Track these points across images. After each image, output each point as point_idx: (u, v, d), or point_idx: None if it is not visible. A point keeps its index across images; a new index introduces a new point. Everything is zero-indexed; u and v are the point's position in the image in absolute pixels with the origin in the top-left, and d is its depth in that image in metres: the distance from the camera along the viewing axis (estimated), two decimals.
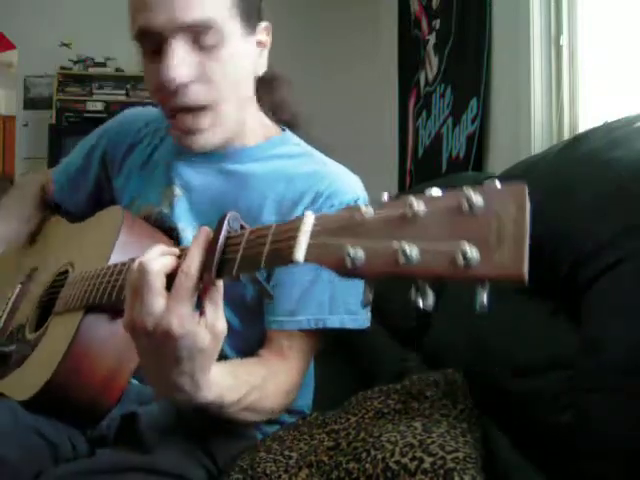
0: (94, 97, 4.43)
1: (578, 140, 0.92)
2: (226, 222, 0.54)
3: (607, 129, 0.87)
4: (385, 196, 0.43)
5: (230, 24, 0.77)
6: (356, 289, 0.85)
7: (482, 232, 0.36)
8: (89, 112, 4.30)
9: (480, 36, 2.29)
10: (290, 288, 0.81)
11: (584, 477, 0.68)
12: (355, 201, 0.84)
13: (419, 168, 3.07)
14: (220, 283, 0.55)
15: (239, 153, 0.88)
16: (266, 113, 0.94)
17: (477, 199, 0.37)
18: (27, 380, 0.76)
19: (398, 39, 3.50)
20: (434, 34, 2.86)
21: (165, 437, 0.75)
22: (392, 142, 3.48)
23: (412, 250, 0.38)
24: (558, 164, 0.92)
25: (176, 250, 0.58)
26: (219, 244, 0.53)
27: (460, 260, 0.36)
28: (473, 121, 2.35)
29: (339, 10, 4.12)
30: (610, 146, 0.81)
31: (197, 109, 0.77)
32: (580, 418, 0.69)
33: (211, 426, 0.82)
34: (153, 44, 0.76)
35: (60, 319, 0.79)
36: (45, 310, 0.86)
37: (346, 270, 0.41)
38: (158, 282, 0.54)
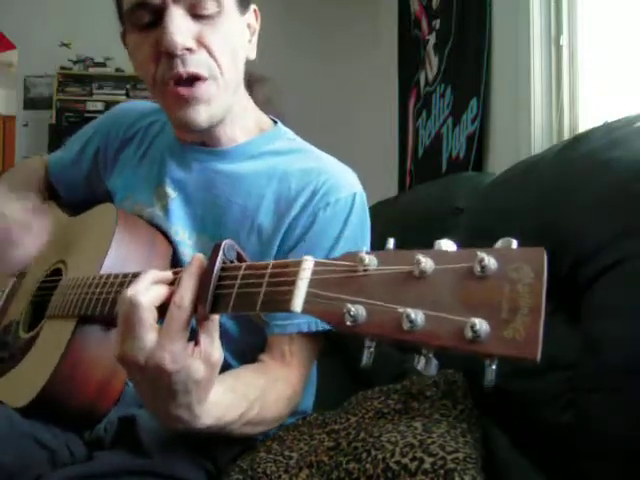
0: (94, 97, 4.44)
1: (578, 140, 0.92)
2: (221, 252, 0.51)
3: (607, 129, 0.87)
4: (391, 243, 0.40)
5: (226, 1, 0.77)
6: None
7: (494, 301, 0.33)
8: (89, 112, 4.30)
9: (480, 36, 2.29)
10: None
11: (584, 477, 0.68)
12: (352, 197, 0.83)
13: (419, 168, 3.07)
14: (215, 317, 0.53)
15: (231, 152, 0.86)
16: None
17: (490, 261, 0.34)
18: (22, 386, 0.75)
19: (398, 39, 3.50)
20: (434, 34, 2.86)
21: (163, 440, 0.75)
22: (392, 142, 3.48)
23: (417, 316, 0.35)
24: (558, 164, 0.92)
25: (169, 275, 0.56)
26: (214, 276, 0.50)
27: (468, 333, 0.33)
28: (473, 121, 2.35)
29: (339, 10, 4.12)
30: (610, 146, 0.81)
31: (197, 79, 0.75)
32: (580, 418, 0.69)
33: None
34: (148, 15, 0.75)
35: (53, 324, 0.78)
36: (38, 308, 0.86)
37: (346, 327, 0.38)
38: (149, 316, 0.52)
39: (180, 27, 0.73)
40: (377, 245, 0.93)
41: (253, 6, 0.85)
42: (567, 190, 0.84)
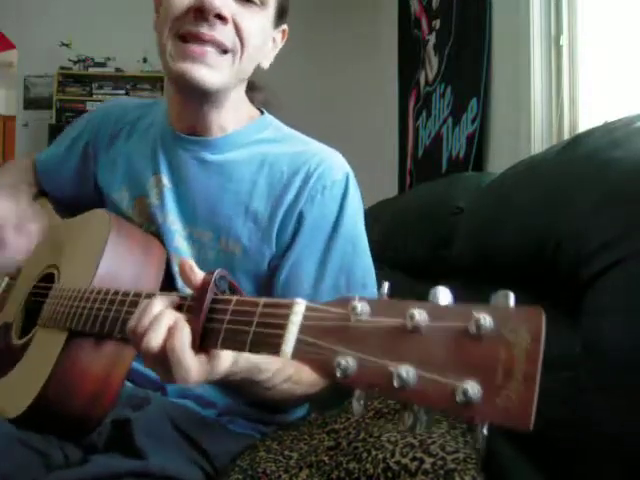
0: (94, 97, 4.44)
1: (578, 140, 0.92)
2: (212, 283, 0.51)
3: (607, 129, 0.87)
4: (385, 288, 0.40)
5: (271, 2, 0.81)
6: (366, 263, 0.85)
7: (488, 364, 0.32)
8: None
9: (480, 36, 2.29)
10: (299, 285, 0.82)
11: (584, 477, 0.68)
12: (346, 177, 0.84)
13: (419, 168, 3.07)
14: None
15: (220, 142, 0.86)
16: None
17: (487, 320, 0.33)
18: (13, 397, 0.74)
19: (398, 39, 3.50)
20: (434, 34, 2.86)
21: (159, 441, 0.75)
22: (392, 142, 3.48)
23: (409, 374, 0.34)
24: (558, 164, 0.92)
25: (175, 299, 0.56)
26: (203, 312, 0.50)
27: (460, 396, 0.32)
28: (473, 121, 2.35)
29: (339, 10, 4.12)
30: (610, 146, 0.81)
31: (217, 47, 0.76)
32: (580, 418, 0.69)
33: (206, 427, 0.82)
34: None
35: (45, 334, 0.77)
36: (30, 312, 0.85)
37: (335, 378, 0.37)
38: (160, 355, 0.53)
39: None
40: (377, 245, 0.93)
41: (284, 26, 0.88)
42: (567, 190, 0.84)
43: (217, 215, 0.84)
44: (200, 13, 0.74)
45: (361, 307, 0.39)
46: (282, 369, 0.68)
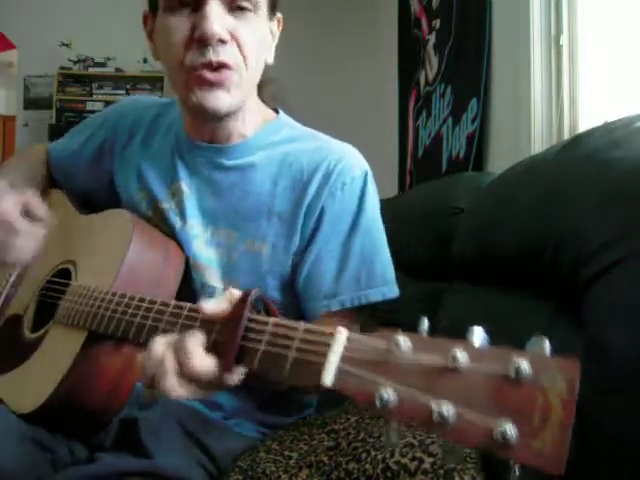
0: (94, 97, 4.44)
1: (578, 140, 0.92)
2: (249, 301, 0.51)
3: (607, 129, 0.87)
4: (425, 325, 0.41)
5: (263, 2, 0.80)
6: (386, 256, 0.87)
7: (526, 408, 0.34)
8: (89, 112, 4.29)
9: (480, 36, 2.29)
10: (321, 279, 0.83)
11: (584, 478, 0.68)
12: (364, 174, 0.86)
13: (419, 168, 3.07)
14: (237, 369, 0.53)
15: (239, 147, 0.87)
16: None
17: (525, 366, 0.35)
18: (26, 391, 0.75)
19: (398, 39, 3.50)
20: (434, 34, 2.86)
21: (165, 441, 0.75)
22: (392, 142, 3.48)
23: (449, 411, 0.36)
24: (558, 164, 0.92)
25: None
26: (240, 328, 0.50)
27: (498, 437, 0.34)
28: (473, 121, 2.35)
29: (339, 10, 4.12)
30: (610, 146, 0.81)
31: (224, 68, 0.77)
32: (582, 419, 0.69)
33: (212, 428, 0.82)
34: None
35: (61, 331, 0.77)
36: (43, 306, 0.85)
37: (375, 409, 0.39)
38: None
39: (219, 18, 0.75)
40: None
41: (279, 15, 0.88)
42: (567, 190, 0.84)
43: (241, 217, 0.85)
44: (200, 42, 0.75)
45: (404, 342, 0.40)
46: None
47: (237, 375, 0.53)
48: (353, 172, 0.85)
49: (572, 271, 0.77)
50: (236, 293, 0.54)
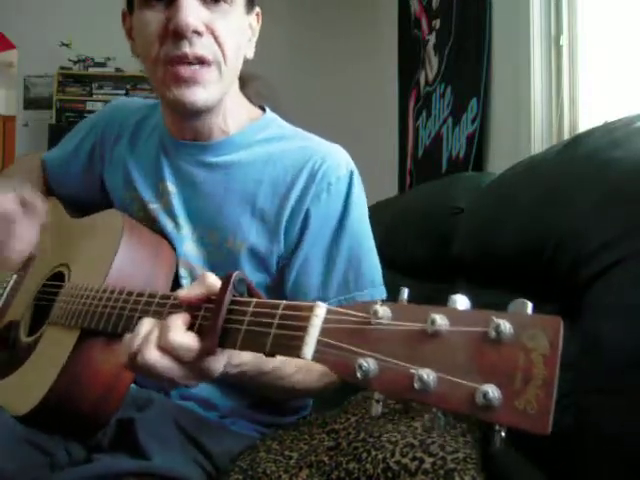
0: (94, 97, 4.43)
1: (578, 140, 0.92)
2: (230, 284, 0.51)
3: (607, 129, 0.87)
4: (405, 294, 0.40)
5: None
6: (373, 258, 0.86)
7: (508, 369, 0.33)
8: (89, 112, 4.29)
9: (480, 36, 2.29)
10: (309, 282, 0.83)
11: (584, 477, 0.68)
12: (350, 174, 0.85)
13: (419, 168, 3.07)
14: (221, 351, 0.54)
15: (223, 144, 0.87)
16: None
17: (506, 326, 0.34)
18: (22, 394, 0.75)
19: (398, 39, 3.50)
20: (434, 34, 2.86)
21: (161, 441, 0.75)
22: (392, 142, 3.48)
23: (430, 377, 0.35)
24: (558, 164, 0.92)
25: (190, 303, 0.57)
26: (222, 312, 0.50)
27: (480, 399, 0.33)
28: (473, 121, 2.35)
29: (339, 10, 4.12)
30: (610, 146, 0.81)
31: (201, 62, 0.76)
32: (580, 419, 0.69)
33: (208, 428, 0.82)
34: None
35: (55, 332, 0.77)
36: (39, 310, 0.85)
37: (356, 380, 0.38)
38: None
39: (193, 10, 0.74)
40: (377, 245, 0.93)
41: (257, 9, 0.87)
42: (567, 190, 0.84)
43: (223, 215, 0.84)
44: (175, 35, 0.74)
45: (382, 311, 0.39)
46: (290, 359, 0.69)
47: (222, 359, 0.54)
48: (338, 172, 0.84)
49: (572, 271, 0.77)
50: (210, 276, 0.55)
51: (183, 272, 0.85)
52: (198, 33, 0.75)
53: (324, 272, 0.82)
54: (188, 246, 0.85)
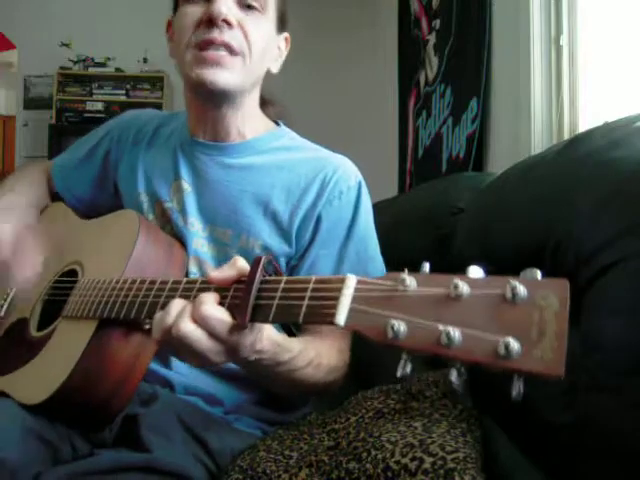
0: (94, 97, 4.43)
1: (578, 140, 0.92)
2: (261, 266, 0.54)
3: (607, 129, 0.87)
4: (426, 267, 0.44)
5: (272, 5, 0.87)
6: (379, 263, 0.91)
7: (524, 324, 0.38)
8: (89, 112, 4.30)
9: (480, 36, 2.29)
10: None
11: (584, 477, 0.68)
12: (359, 184, 0.91)
13: (419, 168, 3.07)
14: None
15: (239, 147, 0.91)
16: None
17: (521, 289, 0.38)
18: (36, 383, 0.75)
19: (398, 39, 3.50)
20: (434, 34, 2.86)
21: (165, 437, 0.76)
22: (392, 142, 3.48)
23: (455, 333, 0.39)
24: (558, 164, 0.92)
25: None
26: (254, 287, 0.53)
27: (502, 351, 0.37)
28: (473, 121, 2.35)
29: (339, 10, 4.12)
30: (610, 146, 0.81)
31: (228, 50, 0.82)
32: (580, 418, 0.69)
33: (212, 424, 0.82)
34: None
35: (70, 325, 0.78)
36: (49, 307, 0.86)
37: (387, 341, 0.42)
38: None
39: (228, 5, 0.82)
40: (380, 244, 0.94)
41: (286, 34, 0.94)
42: (567, 190, 0.84)
43: (237, 214, 0.88)
44: (210, 22, 0.81)
45: (409, 280, 0.43)
46: (304, 351, 0.73)
47: (251, 336, 0.57)
48: (349, 182, 0.89)
49: (572, 271, 0.77)
50: (240, 259, 0.58)
51: (194, 269, 0.87)
52: (229, 24, 0.81)
53: (332, 273, 0.85)
54: (198, 243, 0.88)
